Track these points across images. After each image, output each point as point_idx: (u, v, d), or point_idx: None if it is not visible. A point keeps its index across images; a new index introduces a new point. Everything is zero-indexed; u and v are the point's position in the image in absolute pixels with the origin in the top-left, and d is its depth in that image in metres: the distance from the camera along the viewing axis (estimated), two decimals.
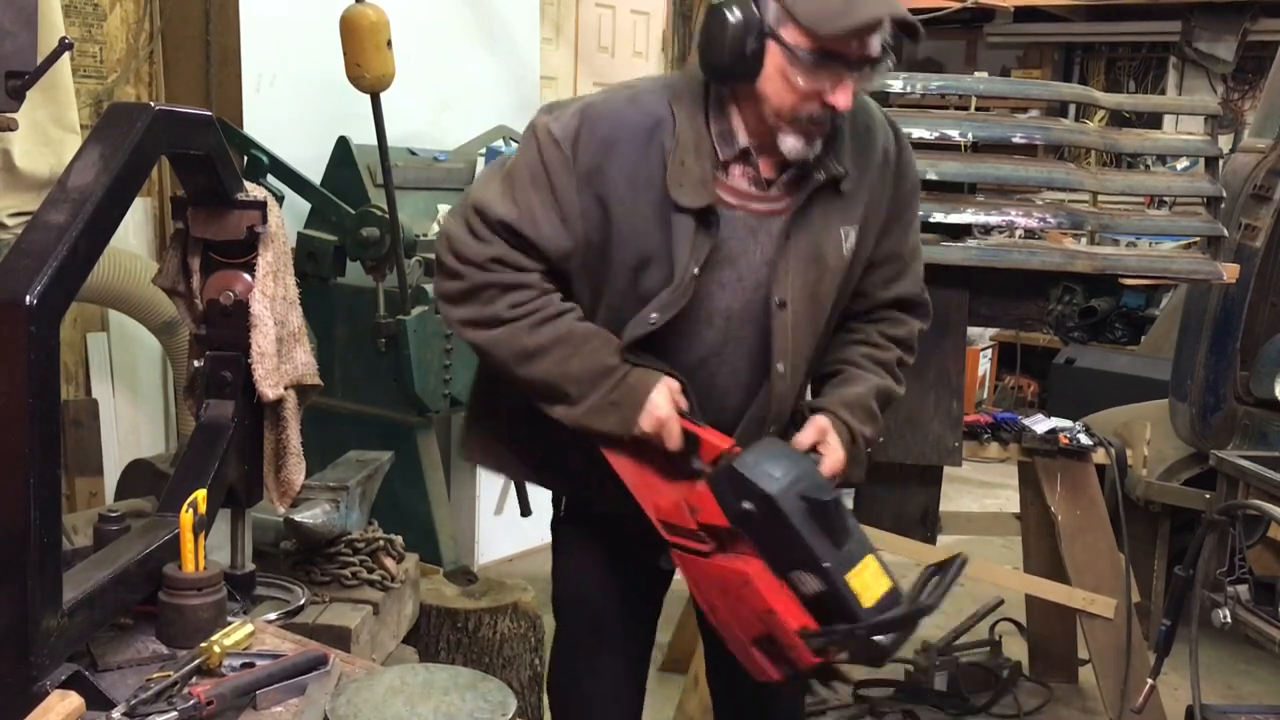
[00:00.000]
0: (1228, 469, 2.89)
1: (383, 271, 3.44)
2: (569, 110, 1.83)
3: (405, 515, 3.38)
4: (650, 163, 1.79)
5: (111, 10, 3.80)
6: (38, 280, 1.44)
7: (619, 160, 1.79)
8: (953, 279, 3.06)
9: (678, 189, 1.78)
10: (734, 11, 1.70)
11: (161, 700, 1.54)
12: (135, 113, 1.69)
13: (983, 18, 8.09)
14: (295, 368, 2.10)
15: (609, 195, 1.80)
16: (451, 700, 1.65)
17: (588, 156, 1.79)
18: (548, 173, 1.80)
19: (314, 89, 3.86)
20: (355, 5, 3.26)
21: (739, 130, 1.82)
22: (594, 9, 6.02)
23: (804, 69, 1.70)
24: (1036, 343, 7.31)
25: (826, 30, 1.66)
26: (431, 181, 4.07)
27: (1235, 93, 7.68)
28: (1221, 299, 3.86)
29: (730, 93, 1.81)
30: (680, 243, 1.80)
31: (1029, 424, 3.23)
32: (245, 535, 2.13)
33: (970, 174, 3.03)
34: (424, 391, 3.49)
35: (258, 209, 1.98)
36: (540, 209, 1.80)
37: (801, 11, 1.67)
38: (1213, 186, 3.13)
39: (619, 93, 1.87)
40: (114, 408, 3.84)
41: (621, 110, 1.82)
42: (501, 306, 1.83)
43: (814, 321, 1.92)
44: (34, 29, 2.08)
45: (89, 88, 3.73)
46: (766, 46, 1.71)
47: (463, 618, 3.01)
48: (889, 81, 3.07)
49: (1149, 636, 3.26)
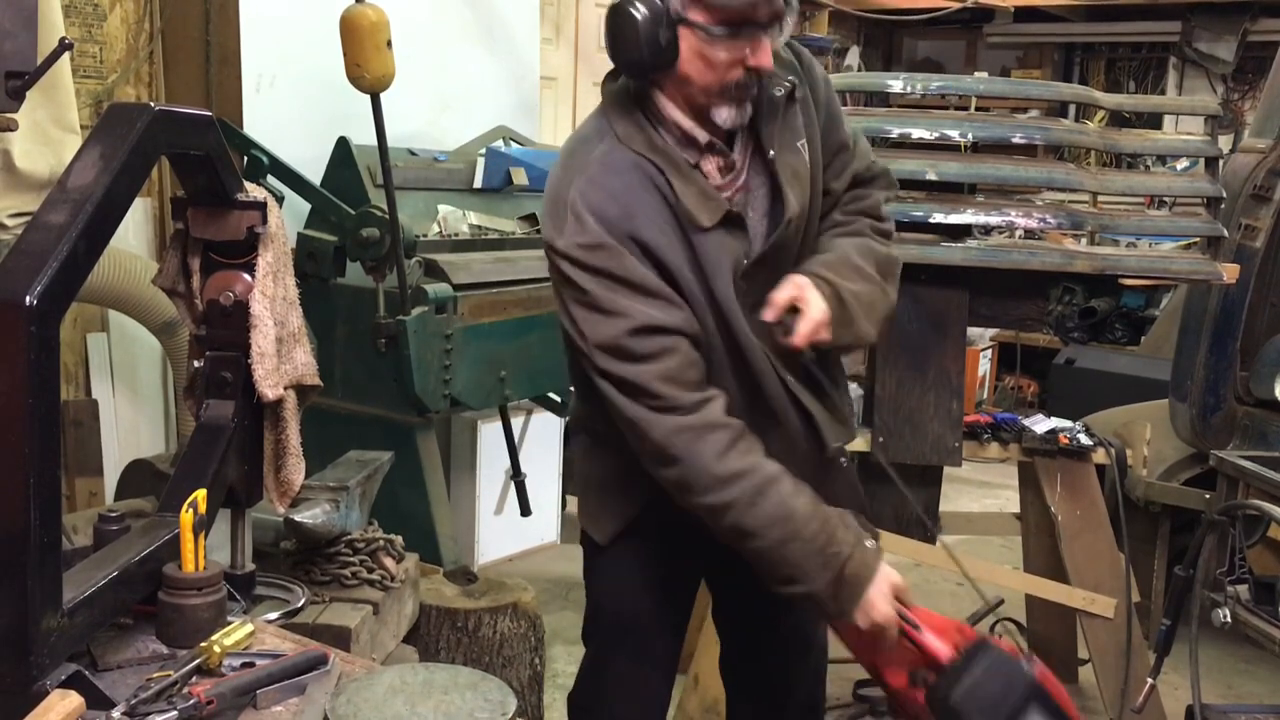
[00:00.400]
0: (1228, 469, 2.89)
1: (383, 272, 3.44)
2: (568, 219, 1.79)
3: (405, 515, 3.38)
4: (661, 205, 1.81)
5: (111, 10, 3.81)
6: (38, 280, 1.44)
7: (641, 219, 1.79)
8: (953, 279, 3.06)
9: (697, 214, 1.81)
10: (638, 8, 1.74)
11: (161, 700, 1.54)
12: (135, 113, 1.69)
13: (983, 18, 8.10)
14: (295, 368, 2.10)
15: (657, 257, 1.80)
16: (451, 700, 1.65)
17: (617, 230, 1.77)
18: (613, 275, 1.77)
19: (314, 89, 3.86)
20: (355, 5, 3.26)
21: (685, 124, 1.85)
22: (594, 9, 6.02)
23: (720, 43, 1.74)
24: (1036, 343, 7.32)
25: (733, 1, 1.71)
26: (431, 181, 4.07)
27: (1235, 93, 7.68)
28: (1221, 299, 3.86)
29: (654, 85, 1.84)
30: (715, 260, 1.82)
31: (1029, 424, 3.23)
32: (245, 535, 2.13)
33: (970, 174, 3.03)
34: (424, 392, 3.49)
35: (258, 209, 1.98)
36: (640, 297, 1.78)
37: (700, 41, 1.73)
38: (1213, 186, 3.13)
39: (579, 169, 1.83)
40: (114, 408, 3.85)
41: (605, 179, 1.81)
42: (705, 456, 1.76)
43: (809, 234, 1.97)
44: (34, 29, 2.08)
45: (89, 88, 3.73)
46: (678, 32, 1.75)
47: (463, 618, 3.01)
48: (889, 82, 3.08)
49: (1149, 636, 3.26)
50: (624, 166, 1.82)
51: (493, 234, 4.04)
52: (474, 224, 4.03)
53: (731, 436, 1.79)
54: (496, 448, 4.43)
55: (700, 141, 1.86)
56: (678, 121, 1.85)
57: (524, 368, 3.84)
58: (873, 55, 8.74)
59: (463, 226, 3.97)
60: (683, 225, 1.81)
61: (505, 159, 4.22)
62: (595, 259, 1.77)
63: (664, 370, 1.78)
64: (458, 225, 3.96)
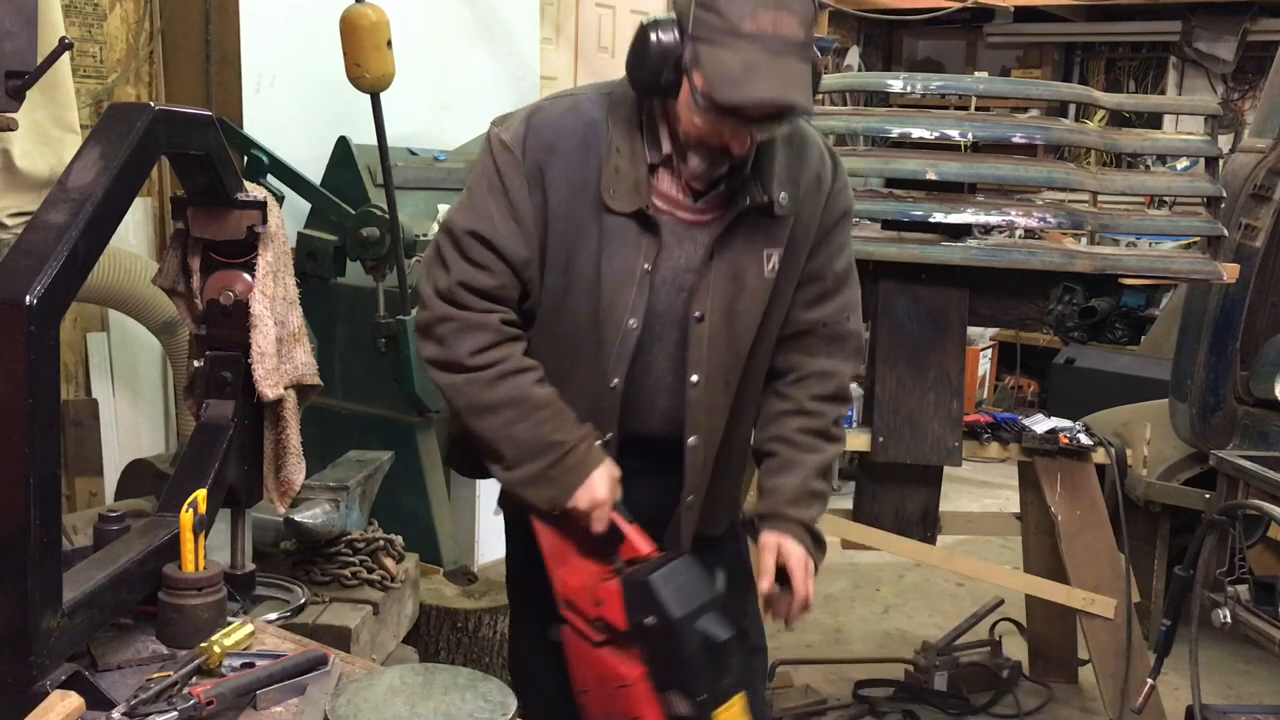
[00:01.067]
0: (1228, 469, 2.89)
1: (383, 271, 3.44)
2: (517, 118, 1.89)
3: (405, 515, 3.38)
4: (586, 168, 1.85)
5: (111, 10, 3.80)
6: (38, 280, 1.44)
7: (558, 164, 1.85)
8: (953, 279, 3.06)
9: (610, 195, 1.84)
10: (658, 37, 1.76)
11: (161, 700, 1.54)
12: (135, 113, 1.69)
13: (983, 18, 8.10)
14: (295, 368, 2.10)
15: (548, 196, 1.85)
16: (451, 700, 1.65)
17: (533, 158, 1.85)
18: (501, 178, 1.86)
19: (314, 89, 3.86)
20: (355, 5, 3.26)
21: (664, 138, 1.86)
22: (594, 9, 6.01)
23: (703, 115, 1.74)
24: (1036, 343, 7.32)
25: (720, 97, 1.70)
26: (431, 181, 4.07)
27: (1235, 93, 7.68)
28: (1221, 299, 3.86)
29: (659, 104, 1.86)
30: (618, 243, 1.85)
31: (1029, 424, 3.23)
32: (245, 535, 2.13)
33: (970, 174, 3.03)
34: (424, 391, 3.49)
35: (258, 209, 1.98)
36: (499, 215, 1.86)
37: (705, 66, 1.71)
38: (1213, 186, 3.13)
39: (561, 100, 1.94)
40: (114, 408, 3.84)
41: (561, 117, 1.88)
42: (463, 350, 1.86)
43: (732, 338, 1.94)
44: (34, 29, 2.08)
45: (89, 88, 3.73)
46: (681, 78, 1.76)
47: (463, 618, 3.01)
48: (889, 82, 3.08)
49: (1149, 636, 3.26)
50: (584, 118, 1.87)
51: None
52: None
53: (494, 338, 1.86)
54: None
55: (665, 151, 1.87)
56: (659, 130, 1.87)
57: None
58: (873, 55, 8.74)
59: None
60: (600, 196, 1.84)
61: None
62: (501, 157, 1.86)
63: (476, 281, 1.85)
64: None
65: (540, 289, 1.90)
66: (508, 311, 1.89)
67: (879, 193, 3.14)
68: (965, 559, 3.51)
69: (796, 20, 1.70)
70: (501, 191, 1.86)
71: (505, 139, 1.86)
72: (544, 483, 1.86)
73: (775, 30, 1.68)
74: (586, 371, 1.92)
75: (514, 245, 1.86)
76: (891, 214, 3.03)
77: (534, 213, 1.85)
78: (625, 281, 1.87)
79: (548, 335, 1.93)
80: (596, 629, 1.84)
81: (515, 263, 1.87)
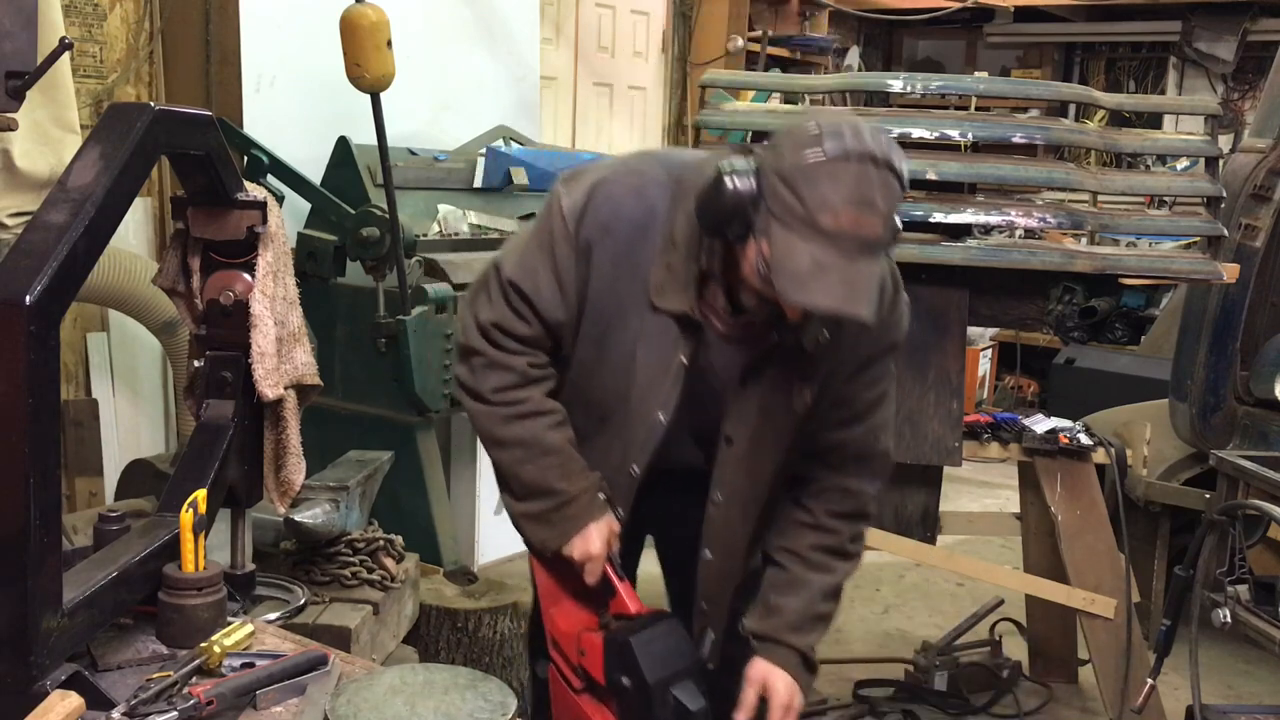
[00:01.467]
0: (1228, 469, 2.89)
1: (383, 271, 3.43)
2: (582, 185, 1.85)
3: (405, 515, 3.38)
4: (636, 254, 1.81)
5: (111, 10, 3.80)
6: (38, 280, 1.44)
7: (609, 245, 1.81)
8: (953, 279, 3.06)
9: (658, 292, 1.80)
10: (734, 187, 1.64)
11: (161, 700, 1.54)
12: (135, 113, 1.69)
13: (983, 18, 8.10)
14: (295, 368, 2.10)
15: (592, 272, 1.83)
16: (451, 700, 1.65)
17: (585, 235, 1.82)
18: (553, 242, 1.84)
19: (314, 89, 3.86)
20: (355, 5, 3.26)
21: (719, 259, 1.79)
22: (594, 9, 6.02)
23: (762, 281, 1.65)
24: (1036, 343, 7.32)
25: (783, 291, 1.60)
26: (431, 181, 4.07)
27: (1235, 93, 7.68)
28: (1221, 299, 3.86)
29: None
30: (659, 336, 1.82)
31: (1029, 424, 3.23)
32: (245, 535, 2.13)
33: (970, 174, 3.03)
34: (424, 391, 3.49)
35: (258, 209, 1.99)
36: (543, 275, 1.85)
37: (774, 248, 1.60)
38: (1213, 186, 3.13)
39: (629, 176, 1.86)
40: (114, 408, 3.85)
41: (624, 198, 1.83)
42: (486, 384, 1.89)
43: (758, 466, 1.92)
44: (34, 29, 2.08)
45: (89, 88, 3.73)
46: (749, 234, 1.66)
47: (463, 618, 3.01)
48: (889, 82, 3.08)
49: (1149, 636, 3.25)
50: (647, 203, 1.81)
51: (493, 233, 4.03)
52: (474, 223, 4.03)
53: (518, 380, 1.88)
54: None
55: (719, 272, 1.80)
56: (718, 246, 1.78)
57: None
58: (873, 55, 8.74)
59: (463, 226, 3.97)
60: (646, 286, 1.81)
61: (505, 159, 4.22)
62: (556, 223, 1.84)
63: (512, 327, 1.87)
64: (458, 225, 3.96)
65: (573, 351, 1.90)
66: (537, 355, 1.90)
67: None
68: (965, 559, 3.50)
69: (880, 220, 1.58)
70: (550, 254, 1.84)
71: (565, 206, 1.83)
72: (542, 524, 1.89)
73: (855, 230, 1.56)
74: (609, 444, 1.92)
75: (552, 307, 1.85)
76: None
77: (576, 282, 1.84)
78: (660, 374, 1.84)
79: (579, 398, 1.93)
80: (578, 675, 1.89)
81: (550, 322, 1.87)
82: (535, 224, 1.91)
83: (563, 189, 1.87)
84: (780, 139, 1.65)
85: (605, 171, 1.87)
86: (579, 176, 1.88)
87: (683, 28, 6.59)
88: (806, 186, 1.57)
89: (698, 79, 4.12)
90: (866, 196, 1.56)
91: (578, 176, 1.89)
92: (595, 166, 1.91)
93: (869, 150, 1.57)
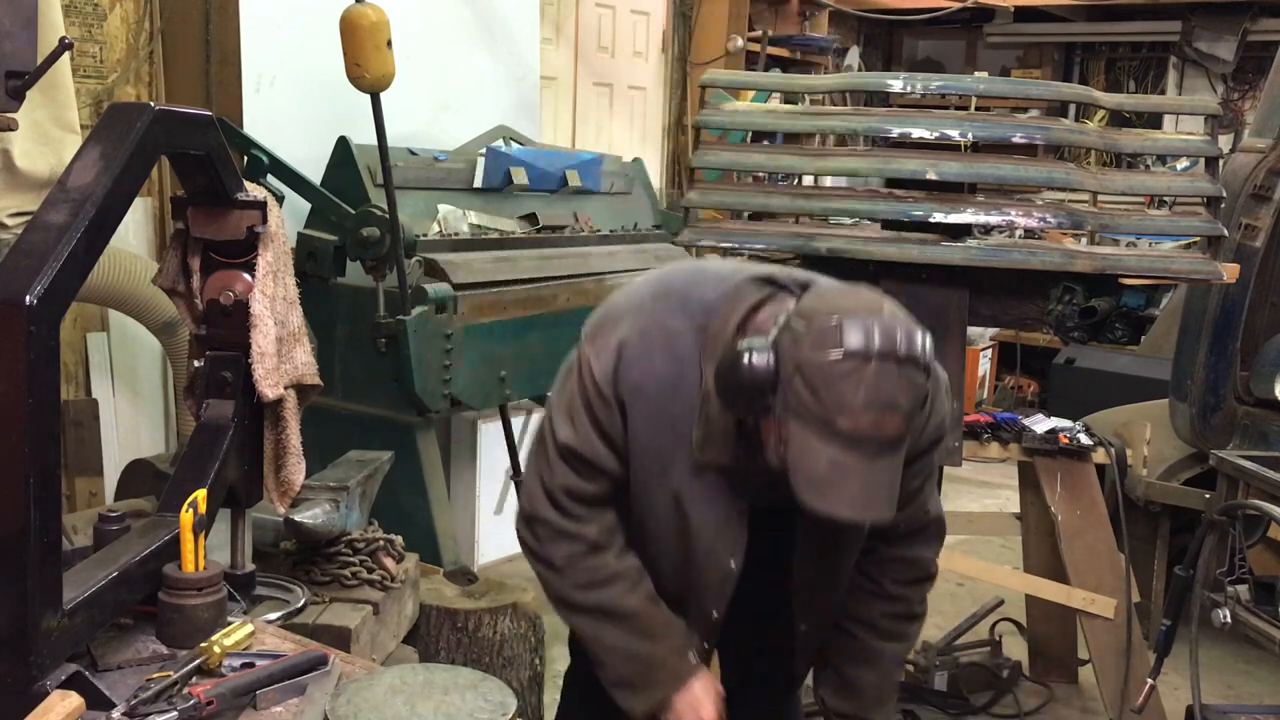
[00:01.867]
0: (1228, 469, 2.89)
1: (383, 271, 3.43)
2: (609, 346, 1.80)
3: (405, 515, 3.38)
4: (673, 409, 1.77)
5: (111, 10, 3.80)
6: (38, 280, 1.44)
7: (642, 405, 1.79)
8: (953, 279, 3.06)
9: (702, 447, 1.77)
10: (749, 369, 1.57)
11: (161, 700, 1.54)
12: (135, 113, 1.69)
13: (983, 18, 8.10)
14: (295, 368, 2.10)
15: (629, 429, 1.81)
16: (451, 700, 1.65)
17: (618, 396, 1.79)
18: (590, 405, 1.81)
19: (314, 89, 3.86)
20: (355, 5, 3.26)
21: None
22: (594, 9, 6.02)
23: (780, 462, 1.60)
24: (1036, 343, 7.32)
25: (798, 491, 1.54)
26: (431, 181, 4.07)
27: (1235, 93, 7.68)
28: (1221, 299, 3.86)
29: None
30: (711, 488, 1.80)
31: (1029, 424, 3.23)
32: (245, 535, 2.13)
33: (970, 174, 3.02)
34: (424, 391, 3.49)
35: (258, 209, 1.98)
36: (594, 433, 1.82)
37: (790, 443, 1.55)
38: (1213, 186, 3.13)
39: (655, 331, 1.80)
40: (114, 408, 3.84)
41: (652, 356, 1.78)
42: (556, 555, 1.85)
43: (833, 580, 1.95)
44: (34, 29, 2.08)
45: (89, 88, 3.73)
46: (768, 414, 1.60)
47: (463, 618, 3.01)
48: (889, 82, 3.08)
49: (1149, 636, 3.26)
50: (677, 358, 1.77)
51: (493, 234, 4.03)
52: (474, 223, 4.02)
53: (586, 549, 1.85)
54: (496, 448, 4.43)
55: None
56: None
57: (524, 367, 3.84)
58: (873, 55, 8.74)
59: (463, 226, 3.97)
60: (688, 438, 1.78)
61: (505, 158, 4.22)
62: (589, 387, 1.80)
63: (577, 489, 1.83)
64: (458, 225, 3.96)
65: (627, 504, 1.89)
66: (606, 516, 1.87)
67: (879, 193, 3.14)
68: (965, 559, 3.50)
69: (902, 417, 1.52)
70: (592, 415, 1.81)
71: (595, 370, 1.79)
72: (631, 688, 1.87)
73: (875, 433, 1.50)
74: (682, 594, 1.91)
75: (609, 462, 1.83)
76: (891, 214, 3.03)
77: (620, 439, 1.82)
78: (724, 524, 1.83)
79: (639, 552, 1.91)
80: None
81: (612, 475, 1.84)
82: (570, 383, 1.86)
83: (590, 350, 1.82)
84: (800, 321, 1.56)
85: (629, 329, 1.81)
86: (603, 332, 1.83)
87: (683, 28, 6.59)
88: (824, 387, 1.50)
89: (698, 79, 4.12)
90: (887, 398, 1.49)
91: (602, 332, 1.83)
92: (617, 316, 1.84)
93: (890, 348, 1.50)
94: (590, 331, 1.86)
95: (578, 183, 4.41)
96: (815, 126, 3.24)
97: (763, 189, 3.48)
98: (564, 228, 4.31)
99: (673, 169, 6.65)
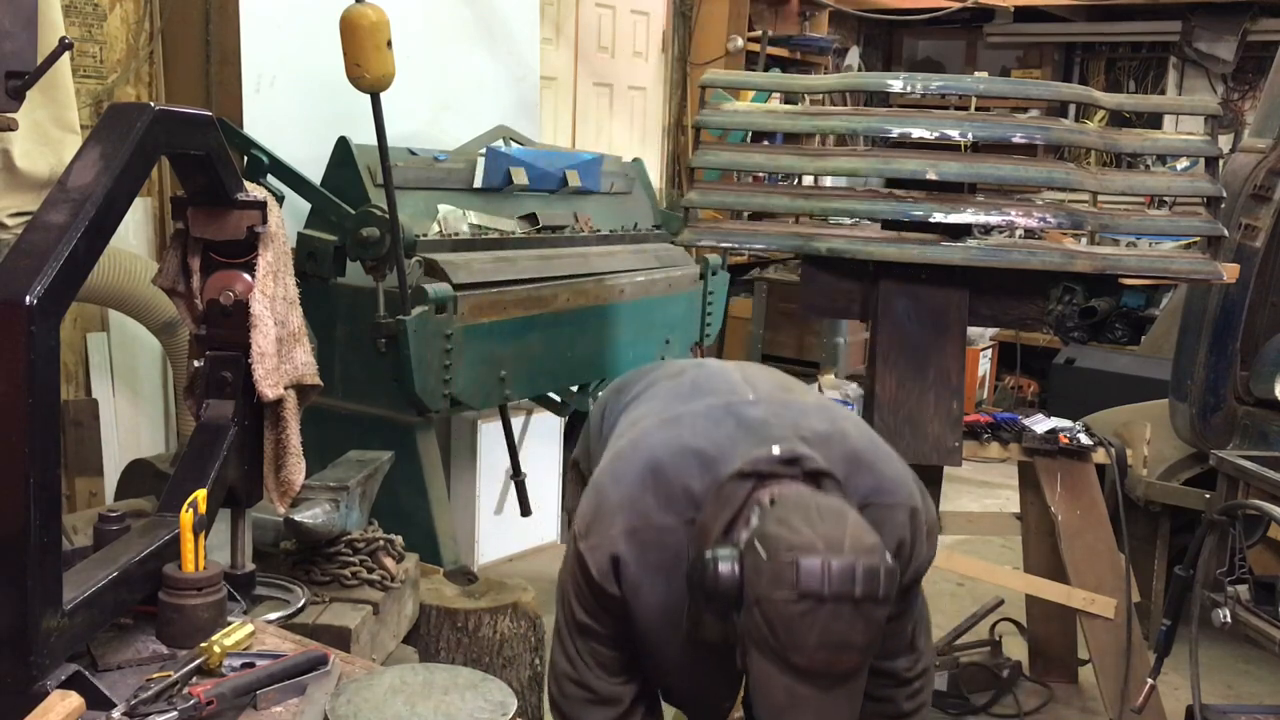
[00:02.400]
0: (1228, 469, 2.89)
1: (383, 271, 3.43)
2: (603, 547, 1.82)
3: (405, 515, 3.38)
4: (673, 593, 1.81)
5: (111, 10, 3.80)
6: (38, 280, 1.44)
7: (643, 598, 1.83)
8: (953, 279, 3.06)
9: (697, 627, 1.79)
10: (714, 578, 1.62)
11: (161, 700, 1.54)
12: (135, 113, 1.69)
13: (983, 18, 8.10)
14: (295, 368, 2.10)
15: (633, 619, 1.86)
16: (451, 700, 1.65)
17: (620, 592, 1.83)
18: (591, 617, 1.88)
19: (314, 89, 3.86)
20: (355, 5, 3.25)
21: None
22: (594, 9, 6.02)
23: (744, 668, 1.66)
24: (1036, 343, 7.32)
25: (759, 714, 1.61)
26: (431, 181, 4.07)
27: (1235, 93, 7.68)
28: (1221, 299, 3.86)
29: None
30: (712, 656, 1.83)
31: (1029, 424, 3.23)
32: (245, 535, 2.13)
33: (970, 174, 3.03)
34: (424, 391, 3.49)
35: (258, 209, 1.98)
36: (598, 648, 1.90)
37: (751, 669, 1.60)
38: (1213, 186, 3.13)
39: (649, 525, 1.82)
40: (114, 408, 3.85)
41: (646, 553, 1.81)
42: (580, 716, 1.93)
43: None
44: (34, 29, 2.08)
45: (89, 88, 3.73)
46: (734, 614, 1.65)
47: (463, 618, 3.01)
48: (889, 82, 3.08)
49: (1149, 636, 3.26)
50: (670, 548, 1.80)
51: (493, 234, 4.03)
52: (474, 224, 4.02)
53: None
54: (496, 448, 4.43)
55: None
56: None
57: (524, 367, 3.84)
58: (873, 55, 8.74)
59: (463, 226, 3.97)
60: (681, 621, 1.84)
61: (505, 159, 4.22)
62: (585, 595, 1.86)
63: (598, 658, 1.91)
64: (458, 225, 3.95)
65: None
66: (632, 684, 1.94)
67: (879, 193, 3.14)
68: (965, 559, 3.50)
69: (857, 653, 1.55)
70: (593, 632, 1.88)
71: (593, 571, 1.81)
72: None
73: (829, 669, 1.54)
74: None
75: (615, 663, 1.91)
76: (891, 214, 3.03)
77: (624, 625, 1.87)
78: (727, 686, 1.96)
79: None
80: None
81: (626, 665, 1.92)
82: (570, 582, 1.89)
83: (584, 548, 1.84)
84: (761, 550, 1.59)
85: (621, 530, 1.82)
86: (596, 529, 1.84)
87: (683, 28, 6.59)
88: (779, 624, 1.54)
89: (698, 79, 4.12)
90: (840, 639, 1.53)
91: (595, 529, 1.84)
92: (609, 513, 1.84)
93: (846, 590, 1.52)
94: (583, 528, 1.86)
95: (578, 183, 4.41)
96: (815, 126, 3.24)
97: (763, 189, 3.48)
98: (564, 228, 4.31)
99: (673, 169, 6.65)
